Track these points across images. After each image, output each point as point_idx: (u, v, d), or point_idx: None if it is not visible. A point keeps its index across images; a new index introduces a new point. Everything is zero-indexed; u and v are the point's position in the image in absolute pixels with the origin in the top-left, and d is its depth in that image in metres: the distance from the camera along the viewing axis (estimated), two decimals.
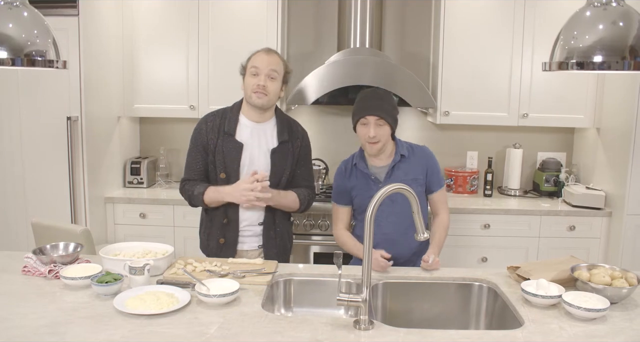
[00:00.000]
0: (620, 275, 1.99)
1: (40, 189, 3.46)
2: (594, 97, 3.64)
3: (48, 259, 2.13)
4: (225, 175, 2.44)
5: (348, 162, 2.55)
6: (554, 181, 3.84)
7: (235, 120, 2.47)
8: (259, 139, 2.47)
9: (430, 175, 2.50)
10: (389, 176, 2.44)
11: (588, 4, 1.77)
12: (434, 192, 2.52)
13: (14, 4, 1.81)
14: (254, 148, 2.46)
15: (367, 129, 2.37)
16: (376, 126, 2.35)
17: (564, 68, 1.76)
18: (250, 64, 2.42)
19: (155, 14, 3.71)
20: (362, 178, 2.48)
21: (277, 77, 2.41)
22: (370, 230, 1.76)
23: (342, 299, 1.75)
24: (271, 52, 2.44)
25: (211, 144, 2.46)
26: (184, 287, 1.97)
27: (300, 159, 2.55)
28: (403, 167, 2.46)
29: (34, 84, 3.36)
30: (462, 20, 3.60)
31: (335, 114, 4.05)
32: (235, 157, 2.43)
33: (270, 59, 2.40)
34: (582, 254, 3.40)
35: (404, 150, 2.47)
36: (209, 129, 2.48)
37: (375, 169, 2.47)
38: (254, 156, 2.46)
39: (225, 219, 2.48)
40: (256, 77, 2.39)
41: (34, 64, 1.82)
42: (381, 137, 2.37)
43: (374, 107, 2.36)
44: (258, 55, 2.42)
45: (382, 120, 2.35)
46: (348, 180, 2.51)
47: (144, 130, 4.21)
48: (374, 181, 2.45)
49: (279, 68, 2.42)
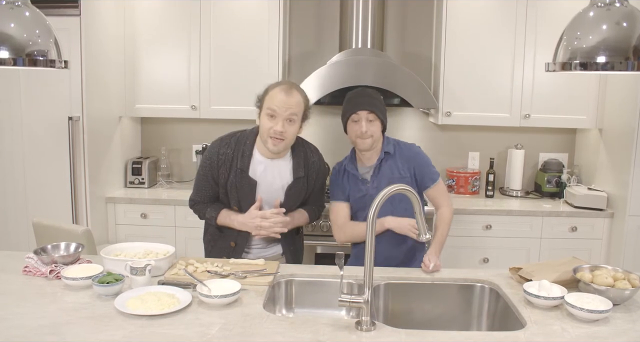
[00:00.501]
0: (623, 276, 1.98)
1: (41, 188, 3.46)
2: (596, 97, 3.64)
3: (49, 259, 2.13)
4: (238, 208, 2.39)
5: (341, 165, 2.55)
6: (556, 181, 3.83)
7: (249, 155, 2.33)
8: (273, 176, 2.36)
9: (420, 172, 2.46)
10: (375, 175, 2.44)
11: (591, 4, 1.76)
12: (429, 187, 2.49)
13: (15, 3, 1.80)
14: (269, 185, 2.36)
15: (359, 125, 2.36)
16: (367, 122, 2.35)
17: (567, 69, 1.76)
18: (267, 104, 2.23)
19: (157, 14, 3.70)
20: (352, 180, 2.49)
21: (296, 120, 2.24)
22: (372, 230, 1.75)
23: (344, 300, 1.75)
24: (292, 90, 2.23)
25: (222, 179, 2.36)
26: (185, 287, 1.96)
27: (314, 189, 2.50)
28: (389, 164, 2.45)
29: (35, 83, 3.36)
30: (464, 21, 3.60)
31: (337, 114, 3.99)
32: (248, 193, 2.34)
33: (290, 100, 2.20)
34: (584, 255, 3.39)
35: (389, 147, 2.46)
36: (221, 162, 2.34)
37: (364, 170, 2.48)
38: (269, 192, 2.36)
39: (233, 242, 2.44)
40: (273, 119, 2.21)
41: (36, 64, 1.82)
42: (373, 133, 2.37)
43: (365, 103, 2.37)
44: (276, 93, 2.21)
45: (373, 115, 2.35)
46: (342, 181, 2.51)
47: (145, 131, 4.21)
48: (362, 182, 2.45)
49: (299, 109, 2.23)
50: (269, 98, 2.24)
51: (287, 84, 2.27)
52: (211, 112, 3.75)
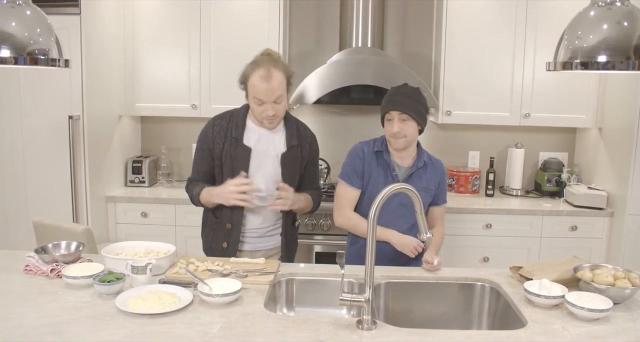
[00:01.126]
0: (623, 275, 1.98)
1: (42, 187, 3.46)
2: (596, 96, 3.64)
3: (50, 258, 2.13)
4: (231, 179, 2.39)
5: (369, 146, 2.49)
6: (556, 180, 3.83)
7: (242, 124, 2.41)
8: (267, 144, 2.41)
9: (439, 189, 2.51)
10: (406, 180, 2.43)
11: (592, 4, 1.76)
12: (437, 206, 2.53)
13: (16, 2, 1.80)
14: (263, 153, 2.40)
15: (391, 125, 2.36)
16: (400, 121, 2.34)
17: (568, 68, 1.76)
18: (251, 92, 2.28)
19: (157, 13, 3.70)
20: (381, 168, 2.44)
21: (282, 98, 2.30)
22: (373, 228, 1.75)
23: (345, 299, 1.75)
24: (271, 74, 2.24)
25: (217, 149, 2.41)
26: (186, 286, 1.96)
27: (309, 163, 2.52)
28: (420, 174, 2.46)
29: (35, 82, 3.36)
30: (464, 20, 3.60)
31: (337, 113, 4.05)
32: (243, 162, 2.38)
33: (272, 86, 2.24)
34: (584, 254, 3.39)
35: (425, 157, 2.49)
36: (216, 133, 2.41)
37: (396, 166, 2.46)
38: (263, 161, 2.40)
39: (229, 223, 2.45)
40: (262, 106, 2.29)
41: (37, 63, 1.81)
42: (406, 132, 2.36)
43: (398, 102, 2.35)
44: (259, 84, 2.24)
45: (406, 115, 2.34)
46: (367, 163, 2.46)
47: (145, 130, 4.21)
48: (393, 177, 2.43)
49: (281, 89, 2.28)
50: (251, 86, 2.27)
51: (265, 68, 2.25)
52: (211, 111, 3.71)
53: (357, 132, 4.03)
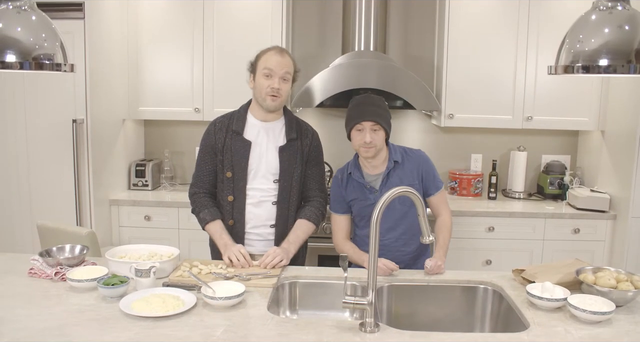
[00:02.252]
0: (626, 278, 1.98)
1: (46, 191, 3.47)
2: (598, 99, 3.64)
3: (54, 261, 2.14)
4: (231, 173, 2.42)
5: (343, 171, 2.53)
6: (559, 183, 3.83)
7: (243, 119, 2.46)
8: (267, 138, 2.45)
9: (426, 179, 2.47)
10: (384, 184, 2.42)
11: (594, 8, 1.77)
12: (432, 195, 2.50)
13: (22, 7, 1.81)
14: (263, 146, 2.44)
15: (363, 135, 2.35)
16: (371, 131, 2.34)
17: (569, 72, 1.76)
18: (262, 65, 2.37)
19: (160, 17, 3.72)
20: (357, 188, 2.46)
21: (289, 79, 2.40)
22: (376, 234, 1.76)
23: (348, 302, 1.76)
24: (284, 52, 2.41)
25: (219, 143, 2.45)
26: (189, 289, 1.97)
27: (311, 159, 2.52)
28: (397, 173, 2.44)
29: (39, 86, 3.38)
30: (467, 23, 3.61)
31: (340, 117, 4.06)
32: (243, 155, 2.42)
33: (284, 61, 2.37)
34: (586, 257, 3.39)
35: (397, 156, 2.45)
36: (217, 129, 2.47)
37: (371, 178, 2.46)
38: (262, 154, 2.43)
39: (231, 220, 2.47)
40: (270, 79, 2.36)
41: (42, 68, 1.82)
42: (377, 143, 2.36)
43: (369, 112, 2.35)
44: (271, 56, 2.37)
45: (378, 125, 2.34)
46: (345, 189, 2.50)
47: (148, 133, 4.22)
48: (369, 190, 2.44)
49: (291, 69, 2.40)
50: (264, 60, 2.38)
51: (278, 48, 2.44)
52: (214, 115, 3.67)
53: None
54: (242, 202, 2.44)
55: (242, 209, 2.45)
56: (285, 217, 2.48)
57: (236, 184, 2.43)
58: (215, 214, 2.45)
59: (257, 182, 2.44)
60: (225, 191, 2.45)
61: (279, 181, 2.43)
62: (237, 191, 2.44)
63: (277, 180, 2.43)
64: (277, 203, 2.45)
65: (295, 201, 2.50)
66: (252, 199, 2.45)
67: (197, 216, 2.48)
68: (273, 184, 2.44)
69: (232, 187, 2.44)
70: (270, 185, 2.44)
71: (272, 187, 2.44)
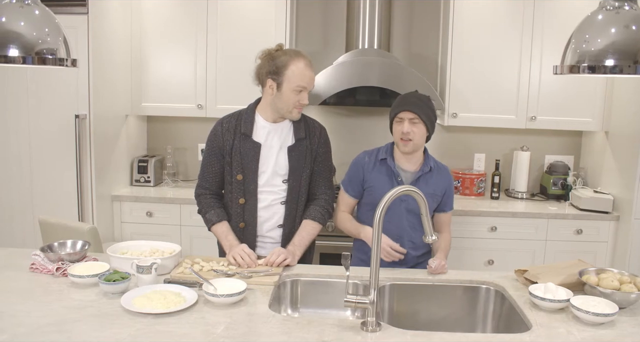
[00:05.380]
0: (629, 280, 1.98)
1: (48, 186, 3.47)
2: (602, 100, 3.63)
3: (56, 256, 2.14)
4: (242, 176, 2.40)
5: (372, 155, 2.50)
6: (562, 184, 3.82)
7: (251, 120, 2.42)
8: (276, 138, 2.43)
9: (447, 196, 2.49)
10: (413, 184, 2.42)
11: (600, 8, 1.76)
12: (444, 212, 2.52)
13: (25, 2, 1.81)
14: (272, 147, 2.42)
15: (401, 125, 2.35)
16: (410, 123, 2.34)
17: (575, 72, 1.75)
18: (294, 80, 2.29)
19: (164, 13, 3.72)
20: (385, 175, 2.44)
21: None
22: (379, 231, 1.75)
23: (350, 301, 1.75)
24: (311, 64, 2.36)
25: (227, 145, 2.41)
26: (191, 286, 1.97)
27: (320, 155, 2.50)
28: (426, 179, 2.44)
29: (42, 81, 3.37)
30: (471, 22, 3.59)
31: (343, 114, 4.05)
32: (253, 158, 2.39)
33: (313, 75, 2.35)
34: (589, 258, 3.38)
35: (432, 163, 2.47)
36: (225, 130, 2.43)
37: (402, 171, 2.45)
38: (272, 155, 2.41)
39: (242, 222, 2.45)
40: (300, 94, 2.33)
41: (45, 62, 1.82)
42: (414, 135, 2.35)
43: (410, 104, 2.35)
44: (303, 71, 2.31)
45: (417, 118, 2.34)
46: (369, 173, 2.47)
47: (151, 129, 4.22)
48: (398, 182, 2.42)
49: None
50: (299, 76, 2.30)
51: (307, 60, 2.34)
52: (217, 111, 3.75)
53: (362, 134, 4.03)
54: (253, 205, 2.43)
55: (254, 211, 2.43)
56: (293, 217, 2.46)
57: (247, 187, 2.41)
58: (222, 215, 2.44)
59: (268, 184, 2.42)
60: (235, 193, 2.43)
61: (288, 180, 2.42)
62: (248, 193, 2.42)
63: (286, 180, 2.42)
64: (285, 203, 2.44)
65: (304, 201, 2.49)
66: (263, 202, 2.43)
67: (204, 216, 2.47)
68: (282, 184, 2.43)
69: (242, 189, 2.42)
70: (280, 186, 2.43)
71: (282, 188, 2.43)
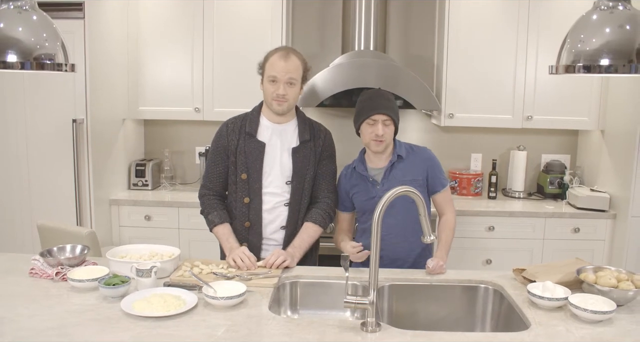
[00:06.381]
0: (627, 277, 1.99)
1: (46, 191, 3.47)
2: (598, 99, 3.64)
3: (55, 261, 2.14)
4: (246, 175, 2.41)
5: (349, 167, 2.55)
6: (558, 183, 3.84)
7: (256, 121, 2.45)
8: (280, 139, 2.44)
9: (432, 176, 2.47)
10: (386, 177, 2.43)
11: (595, 8, 1.77)
12: (437, 192, 2.50)
13: (23, 7, 1.81)
14: (276, 148, 2.43)
15: (375, 128, 2.35)
16: (383, 125, 2.35)
17: (570, 71, 1.76)
18: (267, 70, 2.35)
19: (160, 17, 3.72)
20: (361, 181, 2.48)
21: (296, 83, 2.36)
22: (378, 232, 1.76)
23: (350, 302, 1.76)
24: (289, 55, 2.35)
25: (232, 145, 2.43)
26: (190, 289, 1.97)
27: (324, 158, 2.50)
28: (401, 167, 2.44)
29: (39, 86, 3.37)
30: (467, 22, 3.61)
31: (340, 116, 4.06)
32: (257, 157, 2.41)
33: (288, 65, 2.32)
34: (586, 256, 3.39)
35: (402, 151, 2.46)
36: (230, 130, 2.45)
37: (374, 171, 2.46)
38: (276, 156, 2.42)
39: (247, 222, 2.46)
40: (274, 84, 2.34)
41: (43, 68, 1.82)
42: (387, 137, 2.37)
43: (382, 106, 2.35)
44: (275, 61, 2.33)
45: (390, 120, 2.35)
46: (349, 184, 2.51)
47: (148, 133, 4.22)
48: (372, 183, 2.44)
49: (297, 73, 2.36)
50: (269, 65, 2.36)
51: (285, 50, 2.39)
52: (214, 114, 3.76)
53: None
54: (258, 204, 2.43)
55: (259, 211, 2.44)
56: (296, 219, 2.47)
57: (251, 186, 2.42)
58: (224, 217, 2.45)
59: (272, 185, 2.43)
60: (240, 192, 2.44)
61: (291, 182, 2.43)
62: (252, 193, 2.43)
63: (290, 181, 2.43)
64: (289, 205, 2.45)
65: (307, 203, 2.49)
66: (267, 204, 2.44)
67: (206, 217, 2.48)
68: (286, 186, 2.43)
69: (247, 189, 2.43)
70: (283, 187, 2.43)
71: (285, 190, 2.44)
